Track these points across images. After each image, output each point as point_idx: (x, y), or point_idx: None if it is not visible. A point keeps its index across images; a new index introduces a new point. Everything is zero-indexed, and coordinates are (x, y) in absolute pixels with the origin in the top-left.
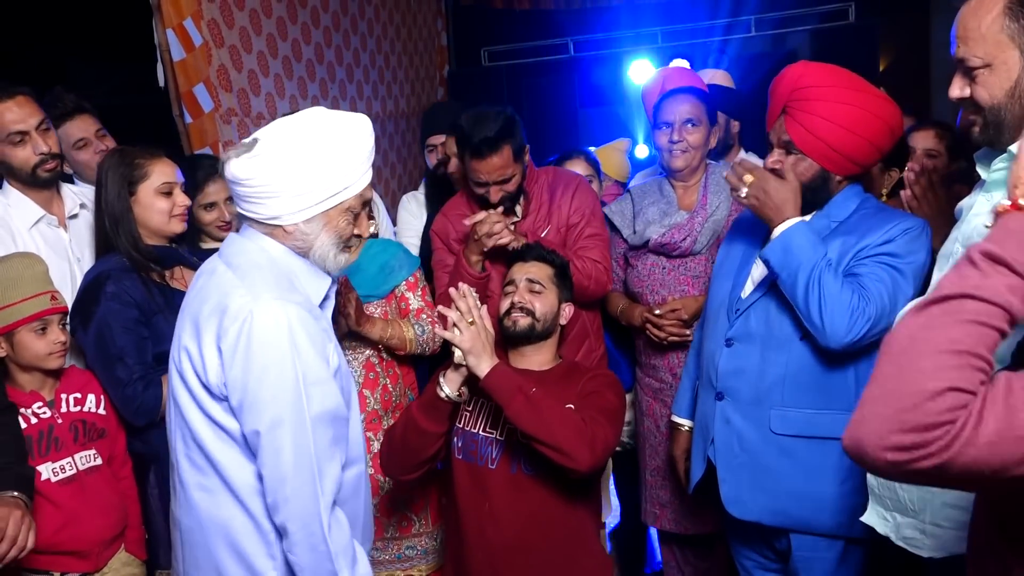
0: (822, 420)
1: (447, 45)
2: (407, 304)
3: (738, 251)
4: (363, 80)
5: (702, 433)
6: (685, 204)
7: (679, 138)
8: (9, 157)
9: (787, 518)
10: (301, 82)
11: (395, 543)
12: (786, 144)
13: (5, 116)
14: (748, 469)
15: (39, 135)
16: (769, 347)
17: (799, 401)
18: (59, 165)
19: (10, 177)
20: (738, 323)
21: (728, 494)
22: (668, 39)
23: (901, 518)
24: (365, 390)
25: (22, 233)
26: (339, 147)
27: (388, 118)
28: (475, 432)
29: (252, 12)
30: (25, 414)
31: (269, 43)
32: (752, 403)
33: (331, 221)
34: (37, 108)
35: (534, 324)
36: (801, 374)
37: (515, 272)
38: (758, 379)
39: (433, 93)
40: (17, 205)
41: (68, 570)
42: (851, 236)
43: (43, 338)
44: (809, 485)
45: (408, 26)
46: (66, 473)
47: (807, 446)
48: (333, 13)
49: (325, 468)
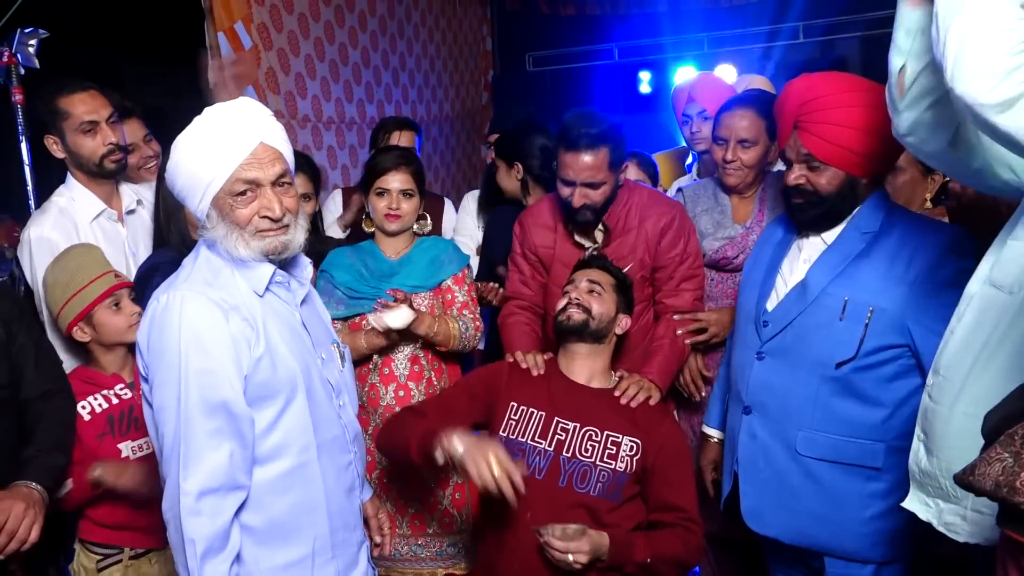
0: (850, 448)
1: (492, 50)
2: (452, 297)
3: (764, 260)
4: (408, 84)
5: (730, 446)
6: (740, 216)
7: (732, 157)
8: (79, 146)
9: (807, 538)
10: (347, 85)
11: (437, 539)
12: (806, 158)
13: (78, 107)
14: (771, 486)
15: (108, 127)
16: (802, 366)
17: (828, 425)
18: (124, 158)
19: (76, 168)
20: (774, 338)
21: (748, 508)
22: (714, 45)
23: (944, 504)
24: (410, 382)
25: (84, 226)
26: (203, 137)
27: (432, 121)
28: (523, 441)
29: (300, 16)
30: (107, 395)
31: (317, 47)
32: (780, 421)
33: (221, 209)
34: (106, 102)
35: (588, 320)
36: (833, 399)
37: (577, 275)
38: (787, 397)
39: (477, 97)
40: (80, 199)
41: (138, 546)
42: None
43: (119, 313)
44: (831, 509)
45: (453, 31)
46: (143, 452)
47: (831, 471)
48: (380, 17)
49: (197, 456)
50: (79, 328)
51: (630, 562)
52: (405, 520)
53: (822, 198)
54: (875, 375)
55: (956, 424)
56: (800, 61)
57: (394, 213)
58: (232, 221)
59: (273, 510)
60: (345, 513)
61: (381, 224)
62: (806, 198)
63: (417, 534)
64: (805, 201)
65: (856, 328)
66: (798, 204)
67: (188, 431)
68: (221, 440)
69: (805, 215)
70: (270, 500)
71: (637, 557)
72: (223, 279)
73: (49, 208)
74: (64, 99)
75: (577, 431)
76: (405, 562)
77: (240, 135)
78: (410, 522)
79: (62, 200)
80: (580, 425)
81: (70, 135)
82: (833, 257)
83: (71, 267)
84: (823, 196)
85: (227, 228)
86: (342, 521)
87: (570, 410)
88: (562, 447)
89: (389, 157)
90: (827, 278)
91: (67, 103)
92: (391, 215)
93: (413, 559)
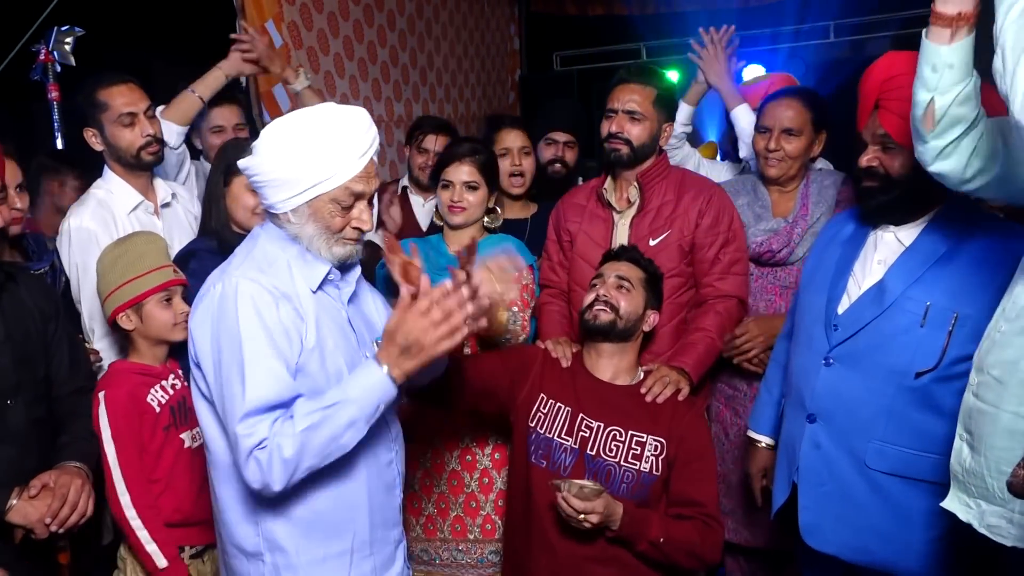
0: (921, 463)
1: (519, 50)
2: None
3: (831, 260)
4: (435, 83)
5: (787, 454)
6: (780, 210)
7: (776, 147)
8: (117, 138)
9: (868, 556)
10: (375, 84)
11: (478, 546)
12: (882, 139)
13: (117, 99)
14: (834, 500)
15: (146, 119)
16: (876, 375)
17: (900, 438)
18: (162, 150)
19: (114, 161)
20: (845, 343)
21: (807, 522)
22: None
23: (986, 505)
24: None
25: (121, 217)
26: (320, 138)
27: (459, 121)
28: (550, 437)
29: (330, 15)
30: (165, 386)
31: (346, 45)
32: (848, 431)
33: (316, 211)
34: (144, 95)
35: (616, 320)
36: (909, 411)
37: (605, 268)
38: (859, 407)
39: (504, 97)
40: (118, 191)
41: (196, 542)
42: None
43: (168, 309)
44: (897, 527)
45: (481, 30)
46: (199, 442)
47: (902, 486)
48: (409, 16)
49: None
50: (125, 315)
51: (643, 538)
52: (447, 523)
53: (893, 182)
54: (957, 387)
55: (1004, 424)
56: (831, 60)
57: (457, 205)
58: (325, 226)
59: (317, 504)
60: (384, 510)
61: (445, 217)
62: (878, 181)
63: (458, 539)
64: (876, 185)
65: (939, 336)
66: (868, 188)
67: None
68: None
69: (875, 200)
70: (314, 494)
71: (651, 534)
72: (277, 269)
73: (88, 199)
74: (104, 91)
75: (601, 430)
76: (444, 567)
77: (360, 147)
78: (451, 526)
79: (100, 192)
80: (604, 425)
81: (109, 127)
82: (913, 259)
83: (133, 253)
84: (894, 180)
85: (317, 230)
86: (381, 518)
87: (594, 408)
88: (586, 444)
89: (459, 147)
90: (907, 282)
91: (106, 95)
92: (454, 207)
93: (452, 564)
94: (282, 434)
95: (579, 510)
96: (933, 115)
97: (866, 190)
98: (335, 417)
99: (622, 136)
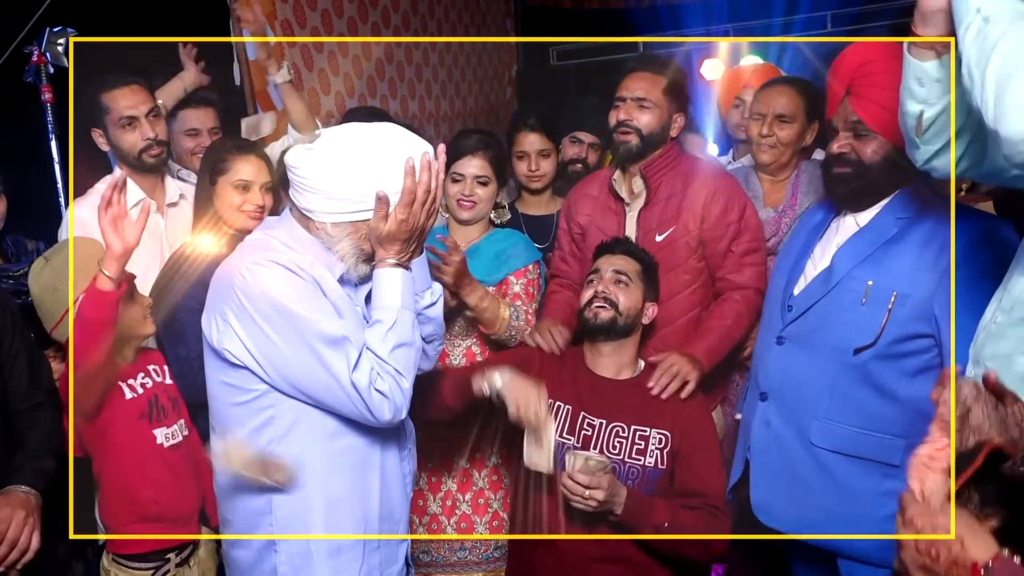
0: (867, 441)
1: (515, 44)
2: (508, 288)
3: (796, 245)
4: (431, 79)
5: (744, 432)
6: (771, 200)
7: (769, 132)
8: (120, 140)
9: (817, 531)
10: (370, 81)
11: (484, 543)
12: (854, 125)
13: (119, 102)
14: (783, 477)
15: (148, 122)
16: (820, 352)
17: (844, 416)
18: (164, 152)
19: (120, 161)
20: (796, 322)
21: (758, 499)
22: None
23: None
24: None
25: None
26: (387, 168)
27: (456, 117)
28: None
29: (324, 12)
30: (134, 384)
31: (340, 43)
32: (795, 409)
33: (357, 231)
34: (149, 96)
35: (616, 318)
36: (851, 389)
37: (601, 263)
38: (805, 384)
39: (501, 92)
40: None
41: (177, 535)
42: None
43: (134, 303)
44: (844, 506)
45: (477, 26)
46: (176, 439)
47: (847, 465)
48: (403, 13)
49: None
50: None
51: (647, 523)
52: (452, 521)
53: (865, 168)
54: (896, 367)
55: None
56: (828, 50)
57: (468, 200)
58: (360, 247)
59: (332, 489)
60: (393, 505)
61: (453, 211)
62: (850, 167)
63: (465, 536)
64: (849, 171)
65: (879, 313)
66: (839, 175)
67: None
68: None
69: (847, 187)
70: (331, 478)
71: (655, 519)
72: (301, 254)
73: (93, 193)
74: (106, 94)
75: (604, 428)
76: (446, 567)
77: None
78: (458, 523)
79: (104, 186)
80: (607, 422)
81: (112, 129)
82: (863, 241)
83: (66, 268)
84: (867, 166)
85: (352, 248)
86: (388, 511)
87: (596, 406)
88: (589, 443)
89: (469, 140)
90: (853, 261)
91: (109, 98)
92: (464, 202)
93: (461, 564)
94: (381, 361)
95: (584, 485)
96: (923, 125)
97: (838, 176)
98: (397, 327)
99: (631, 124)
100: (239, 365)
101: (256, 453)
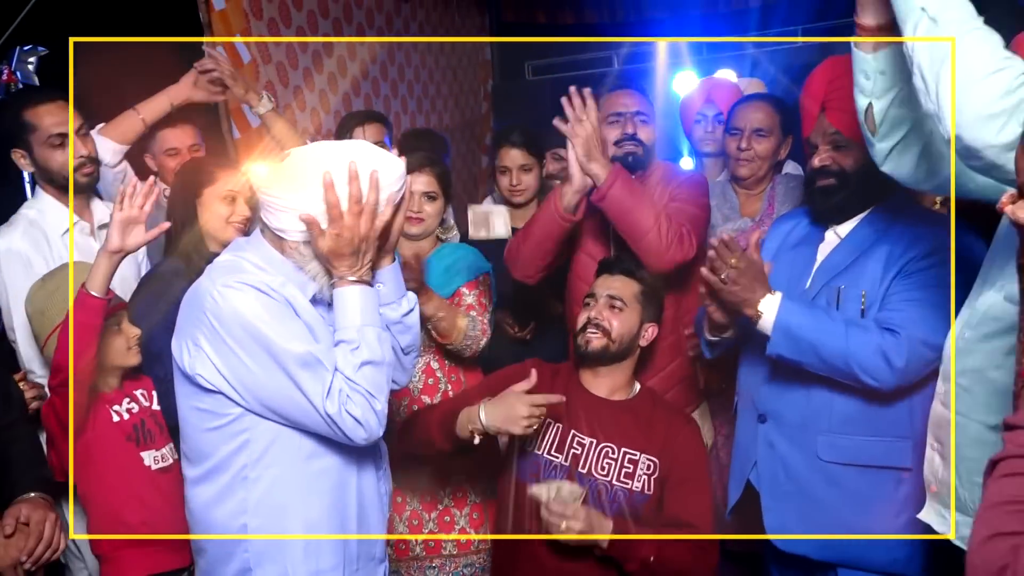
0: (874, 448)
1: (491, 59)
2: (460, 299)
3: (785, 263)
4: (407, 95)
5: (741, 455)
6: (747, 211)
7: (747, 146)
8: (48, 160)
9: (836, 552)
10: (346, 98)
11: (452, 561)
12: (833, 137)
13: (45, 119)
14: (795, 499)
15: (78, 139)
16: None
17: (848, 427)
18: (96, 170)
19: (45, 182)
20: None
21: (773, 524)
22: (713, 51)
23: (960, 516)
24: (424, 396)
25: (55, 239)
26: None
27: None
28: (539, 454)
29: (299, 28)
30: (119, 410)
31: (315, 59)
32: (798, 427)
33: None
34: (76, 113)
35: (608, 345)
36: (848, 396)
37: (598, 286)
38: (804, 401)
39: (477, 107)
40: (50, 211)
41: (164, 568)
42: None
43: (120, 335)
44: (859, 517)
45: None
46: (165, 462)
47: (857, 475)
48: (378, 29)
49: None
50: None
51: (633, 557)
52: (419, 543)
53: (848, 177)
54: None
55: (972, 433)
56: (801, 64)
57: (415, 216)
58: (325, 266)
59: (311, 512)
60: (371, 527)
61: None
62: (834, 179)
63: (432, 555)
64: (833, 183)
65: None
66: (824, 187)
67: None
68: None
69: (831, 200)
70: (308, 500)
71: (642, 553)
72: (273, 275)
73: (17, 220)
74: (30, 111)
75: (593, 447)
76: None
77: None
78: (424, 543)
79: (31, 212)
80: (597, 441)
81: (38, 148)
82: (839, 253)
83: (65, 288)
84: (849, 175)
85: (320, 270)
86: (367, 531)
87: (587, 425)
88: (577, 462)
89: (414, 158)
90: (831, 274)
91: (33, 115)
92: (412, 218)
93: None
94: (351, 383)
95: (555, 512)
96: (874, 119)
97: (822, 189)
98: (362, 347)
99: (637, 137)
100: (212, 390)
101: None
